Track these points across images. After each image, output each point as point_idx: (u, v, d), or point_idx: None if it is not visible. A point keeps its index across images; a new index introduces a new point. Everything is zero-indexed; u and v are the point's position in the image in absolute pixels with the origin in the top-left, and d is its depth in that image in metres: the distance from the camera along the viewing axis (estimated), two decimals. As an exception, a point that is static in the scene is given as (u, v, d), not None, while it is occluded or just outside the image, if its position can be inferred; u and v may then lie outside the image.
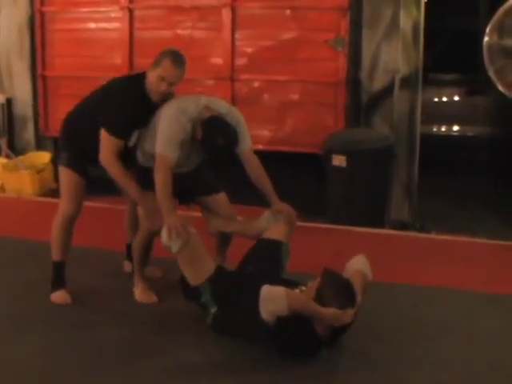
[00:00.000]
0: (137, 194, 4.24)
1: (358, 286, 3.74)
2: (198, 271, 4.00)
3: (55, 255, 4.45)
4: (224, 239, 4.58)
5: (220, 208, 4.46)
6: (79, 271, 4.73)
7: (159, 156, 4.10)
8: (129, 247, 4.78)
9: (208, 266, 4.02)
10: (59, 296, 4.41)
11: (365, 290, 3.80)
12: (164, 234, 3.98)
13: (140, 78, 4.27)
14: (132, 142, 4.29)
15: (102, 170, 4.28)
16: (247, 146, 4.30)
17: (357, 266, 3.89)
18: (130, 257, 4.73)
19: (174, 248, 3.96)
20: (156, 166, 4.10)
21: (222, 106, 4.30)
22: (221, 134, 4.09)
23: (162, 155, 4.09)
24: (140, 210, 4.37)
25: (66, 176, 4.40)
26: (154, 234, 4.27)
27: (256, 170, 4.33)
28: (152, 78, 4.19)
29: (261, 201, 4.39)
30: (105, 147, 4.20)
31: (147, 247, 4.43)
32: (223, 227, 4.47)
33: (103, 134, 4.20)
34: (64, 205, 4.40)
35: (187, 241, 3.94)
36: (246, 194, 4.58)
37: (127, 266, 4.83)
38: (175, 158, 4.10)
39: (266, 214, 4.29)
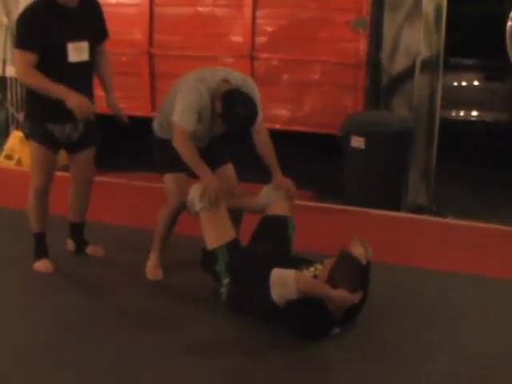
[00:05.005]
0: (59, 92, 4.09)
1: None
2: (218, 233, 4.04)
3: (34, 228, 4.54)
4: (235, 217, 4.58)
5: (227, 181, 4.46)
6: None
7: (177, 126, 4.13)
8: (72, 226, 4.80)
9: (228, 232, 4.08)
10: (42, 265, 4.53)
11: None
12: (197, 190, 4.02)
13: None
14: (72, 56, 4.18)
15: (65, 127, 4.29)
16: (259, 117, 4.30)
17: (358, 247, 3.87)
18: (73, 236, 4.80)
19: (198, 206, 4.00)
20: (175, 135, 4.15)
21: (238, 77, 4.32)
22: (241, 104, 4.10)
23: (179, 125, 4.12)
24: (168, 185, 4.36)
25: (33, 149, 4.38)
26: (183, 206, 4.29)
27: (264, 142, 4.37)
28: None
29: (259, 178, 4.45)
30: (18, 64, 4.13)
31: (172, 222, 4.42)
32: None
33: (15, 55, 4.17)
34: (33, 178, 4.41)
35: (213, 205, 3.98)
36: (245, 171, 4.60)
37: (70, 245, 4.84)
38: (192, 129, 4.12)
39: (266, 188, 4.33)
